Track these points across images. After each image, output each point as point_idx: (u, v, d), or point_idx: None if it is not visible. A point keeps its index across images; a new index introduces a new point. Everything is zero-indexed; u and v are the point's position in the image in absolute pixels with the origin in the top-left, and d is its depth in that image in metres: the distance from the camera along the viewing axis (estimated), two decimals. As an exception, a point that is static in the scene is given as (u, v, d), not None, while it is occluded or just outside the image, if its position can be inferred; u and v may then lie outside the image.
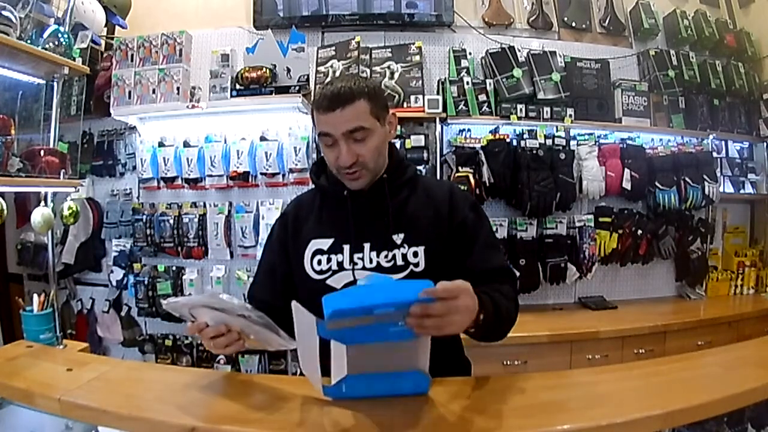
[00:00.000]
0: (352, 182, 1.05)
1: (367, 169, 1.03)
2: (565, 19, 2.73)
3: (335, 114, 0.99)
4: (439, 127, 2.40)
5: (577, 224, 2.52)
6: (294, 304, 0.85)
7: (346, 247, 1.05)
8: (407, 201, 1.09)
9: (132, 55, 2.46)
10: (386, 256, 1.04)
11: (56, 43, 1.67)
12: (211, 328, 0.92)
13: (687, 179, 2.59)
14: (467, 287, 0.81)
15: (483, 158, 2.38)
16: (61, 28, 1.74)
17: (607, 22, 2.76)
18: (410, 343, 0.85)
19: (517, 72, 2.47)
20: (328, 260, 1.06)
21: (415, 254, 1.03)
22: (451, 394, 0.93)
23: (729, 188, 2.82)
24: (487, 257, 1.07)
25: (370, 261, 1.04)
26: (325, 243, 1.07)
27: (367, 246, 1.05)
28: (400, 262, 1.03)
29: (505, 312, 0.96)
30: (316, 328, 0.83)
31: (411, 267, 1.03)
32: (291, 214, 1.16)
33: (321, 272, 1.06)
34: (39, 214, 1.64)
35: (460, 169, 2.36)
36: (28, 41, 1.58)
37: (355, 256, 1.04)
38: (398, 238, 1.04)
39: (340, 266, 1.05)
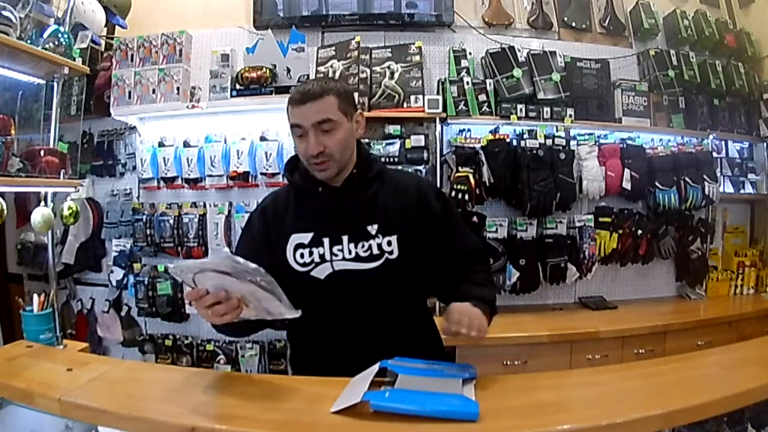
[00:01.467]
0: (320, 172, 1.12)
1: (334, 160, 1.10)
2: (565, 19, 2.73)
3: (306, 107, 1.08)
4: (439, 127, 2.40)
5: (577, 224, 2.52)
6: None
7: (326, 240, 1.12)
8: (377, 194, 1.16)
9: (132, 55, 2.46)
10: (363, 247, 1.11)
11: (56, 43, 1.67)
12: (211, 295, 0.92)
13: (687, 179, 2.59)
14: (470, 311, 1.04)
15: (483, 158, 2.38)
16: (61, 28, 1.73)
17: (607, 22, 2.76)
18: (455, 381, 0.94)
19: (517, 72, 2.46)
20: (310, 253, 1.12)
21: (389, 243, 1.12)
22: (451, 394, 0.93)
23: (729, 188, 2.82)
24: (462, 242, 1.21)
25: (349, 252, 1.11)
26: (306, 237, 1.13)
27: (345, 238, 1.11)
28: (375, 251, 1.11)
29: (493, 297, 1.14)
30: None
31: (386, 255, 1.11)
32: (270, 208, 1.21)
33: (305, 264, 1.12)
34: (39, 214, 1.64)
35: (460, 169, 2.36)
36: (28, 41, 1.58)
37: (335, 248, 1.11)
38: (372, 228, 1.12)
39: (322, 258, 1.12)
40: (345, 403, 0.86)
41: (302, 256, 1.12)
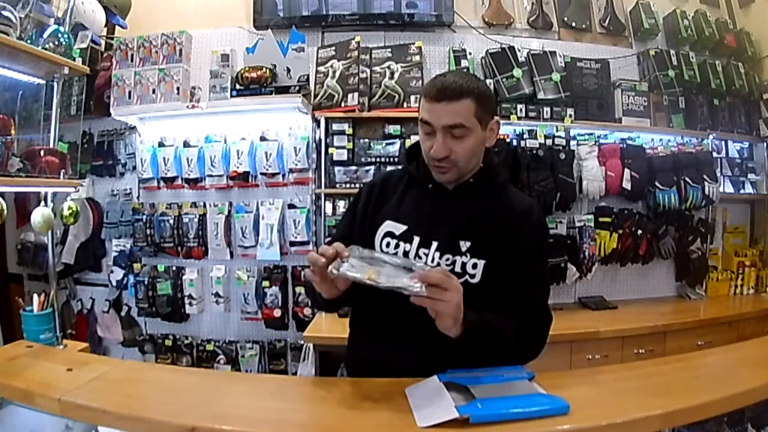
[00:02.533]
0: (440, 175, 1.06)
1: (457, 167, 1.04)
2: (565, 19, 2.73)
3: (440, 105, 1.00)
4: (439, 127, 2.39)
5: (577, 224, 2.52)
6: None
7: (416, 239, 1.06)
8: (485, 211, 1.08)
9: (132, 55, 2.46)
10: (448, 260, 1.04)
11: (56, 43, 1.66)
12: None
13: (687, 179, 2.59)
14: (459, 289, 0.89)
15: (483, 158, 2.38)
16: (61, 28, 1.73)
17: (607, 22, 2.76)
18: (525, 383, 0.95)
19: (517, 72, 2.46)
20: (396, 246, 1.07)
21: (475, 266, 1.03)
22: (451, 394, 0.93)
23: (729, 188, 2.82)
24: (528, 292, 1.07)
25: (432, 260, 1.05)
26: (399, 228, 1.08)
27: (435, 244, 1.05)
28: (458, 269, 1.03)
29: (496, 340, 0.98)
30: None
31: (467, 277, 1.03)
32: (378, 187, 1.17)
33: (386, 254, 1.05)
34: (39, 214, 1.64)
35: (460, 169, 2.36)
36: (28, 41, 1.58)
37: (421, 250, 1.05)
38: (464, 245, 1.04)
39: (405, 255, 1.06)
40: (438, 419, 0.82)
41: (388, 245, 1.07)
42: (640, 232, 2.57)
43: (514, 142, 2.44)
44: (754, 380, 0.97)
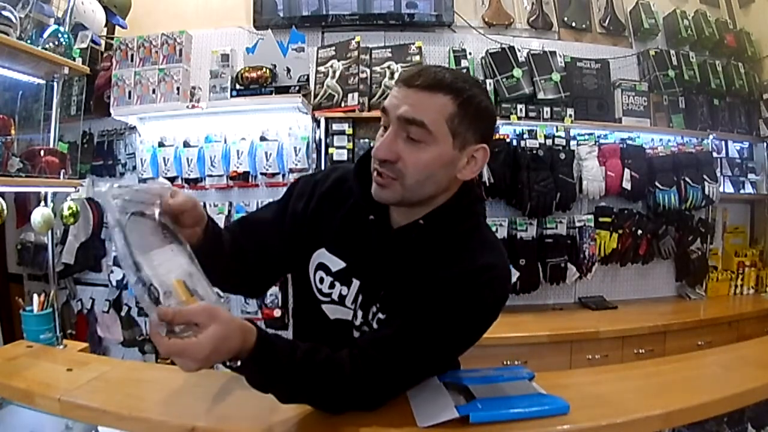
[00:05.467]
0: (377, 187, 0.79)
1: (402, 185, 0.77)
2: (565, 19, 2.73)
3: (405, 91, 0.75)
4: (439, 127, 2.39)
5: (577, 224, 2.52)
6: None
7: (355, 284, 0.85)
8: (425, 264, 0.82)
9: (132, 55, 2.45)
10: (363, 316, 0.87)
11: (56, 43, 1.67)
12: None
13: (687, 179, 2.59)
14: (169, 348, 0.61)
15: (483, 158, 2.38)
16: (61, 28, 1.73)
17: (607, 22, 2.76)
18: (525, 383, 0.94)
19: (517, 72, 2.46)
20: (332, 285, 0.87)
21: (378, 321, 0.86)
22: (451, 394, 0.93)
23: (729, 188, 2.82)
24: (400, 334, 0.77)
25: (355, 313, 0.87)
26: (336, 263, 0.86)
27: (361, 296, 0.86)
28: (366, 326, 0.86)
29: (307, 381, 0.75)
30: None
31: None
32: (328, 187, 0.91)
33: (320, 292, 0.89)
34: (39, 214, 1.64)
35: (460, 169, 2.36)
36: (28, 41, 1.58)
37: (360, 297, 0.86)
38: (379, 299, 0.85)
39: (341, 300, 0.87)
40: (438, 419, 0.81)
41: (321, 281, 0.88)
42: (640, 232, 2.57)
43: (514, 142, 2.44)
44: (754, 380, 0.97)
